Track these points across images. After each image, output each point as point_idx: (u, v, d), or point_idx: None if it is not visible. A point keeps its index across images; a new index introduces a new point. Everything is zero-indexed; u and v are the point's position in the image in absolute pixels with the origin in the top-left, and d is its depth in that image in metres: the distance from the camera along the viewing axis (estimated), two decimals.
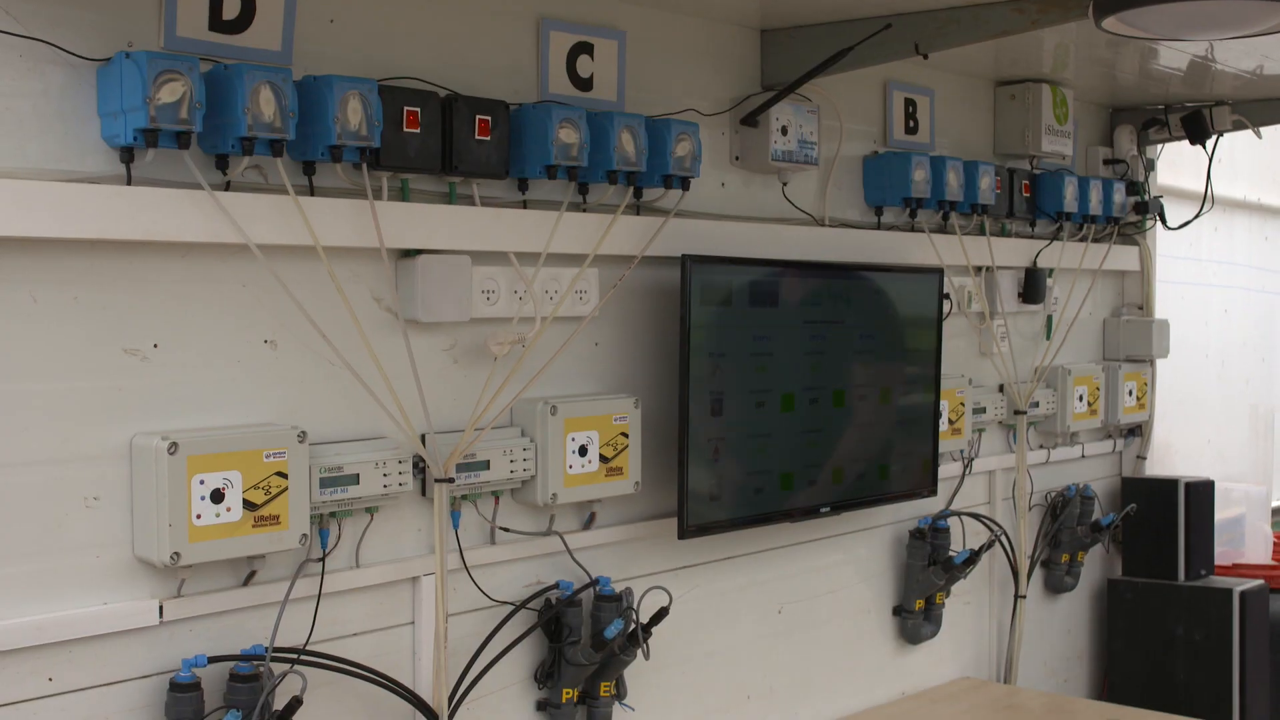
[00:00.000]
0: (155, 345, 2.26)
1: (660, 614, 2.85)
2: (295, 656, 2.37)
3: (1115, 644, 4.57)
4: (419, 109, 2.50)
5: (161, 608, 2.25)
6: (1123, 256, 4.57)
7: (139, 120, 2.10)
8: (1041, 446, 4.33)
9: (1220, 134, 4.40)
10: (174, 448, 2.18)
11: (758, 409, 3.16)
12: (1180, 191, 5.04)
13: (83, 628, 2.17)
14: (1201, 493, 4.53)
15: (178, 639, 2.29)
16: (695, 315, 2.94)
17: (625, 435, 2.89)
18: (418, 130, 2.50)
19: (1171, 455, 5.26)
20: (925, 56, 3.09)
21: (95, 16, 2.17)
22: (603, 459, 2.84)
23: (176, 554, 2.18)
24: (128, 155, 2.17)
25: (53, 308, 2.14)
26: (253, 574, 2.37)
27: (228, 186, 2.29)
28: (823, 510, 3.36)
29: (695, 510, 2.99)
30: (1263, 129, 4.45)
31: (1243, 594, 4.34)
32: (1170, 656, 4.43)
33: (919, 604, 3.81)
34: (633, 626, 2.80)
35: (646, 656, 2.84)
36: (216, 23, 2.29)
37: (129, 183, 2.17)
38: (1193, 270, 5.82)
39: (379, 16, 2.56)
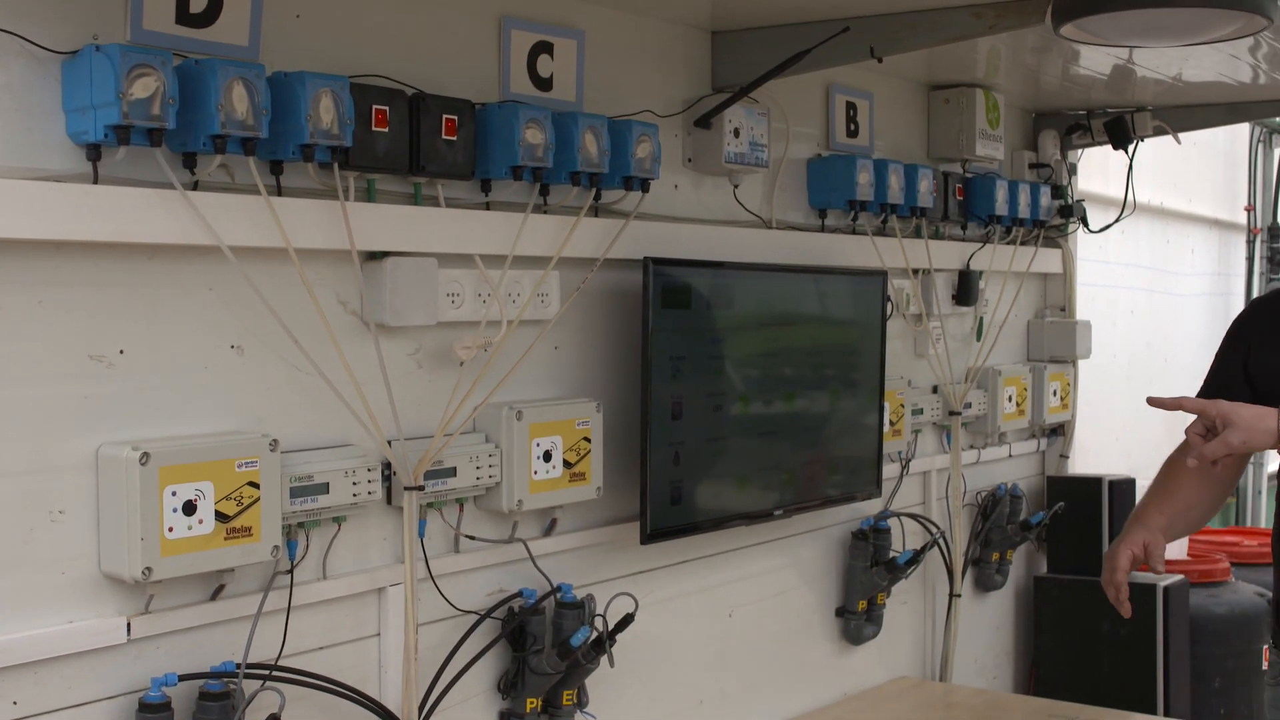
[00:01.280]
0: (121, 351, 2.17)
1: (626, 620, 2.82)
2: (267, 673, 2.29)
3: (1042, 640, 4.65)
4: (387, 108, 2.44)
5: (129, 625, 2.16)
6: (1046, 259, 4.65)
7: (111, 116, 2.00)
8: (972, 446, 4.39)
9: (1142, 139, 4.49)
10: (146, 458, 2.09)
11: (715, 412, 3.15)
12: (1093, 195, 5.14)
13: (49, 648, 2.07)
14: (1124, 490, 4.63)
15: (145, 657, 2.20)
16: (656, 318, 2.91)
17: (588, 440, 2.85)
18: (386, 129, 2.44)
19: (1084, 454, 5.36)
20: (880, 60, 3.10)
21: (59, 7, 2.07)
22: (566, 464, 2.80)
23: (148, 569, 2.09)
24: (94, 153, 2.07)
25: (15, 312, 2.04)
26: (221, 588, 2.28)
27: (195, 186, 2.20)
28: (776, 513, 3.35)
29: (657, 515, 2.96)
30: (1175, 134, 4.56)
31: (1165, 589, 4.44)
32: (1095, 651, 4.51)
33: (862, 605, 3.83)
34: (597, 633, 2.76)
35: (612, 664, 2.80)
36: (183, 16, 2.20)
37: (95, 181, 2.08)
38: (1101, 272, 5.95)
39: (344, 12, 2.49)
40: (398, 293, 2.51)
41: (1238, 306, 7.70)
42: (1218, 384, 2.74)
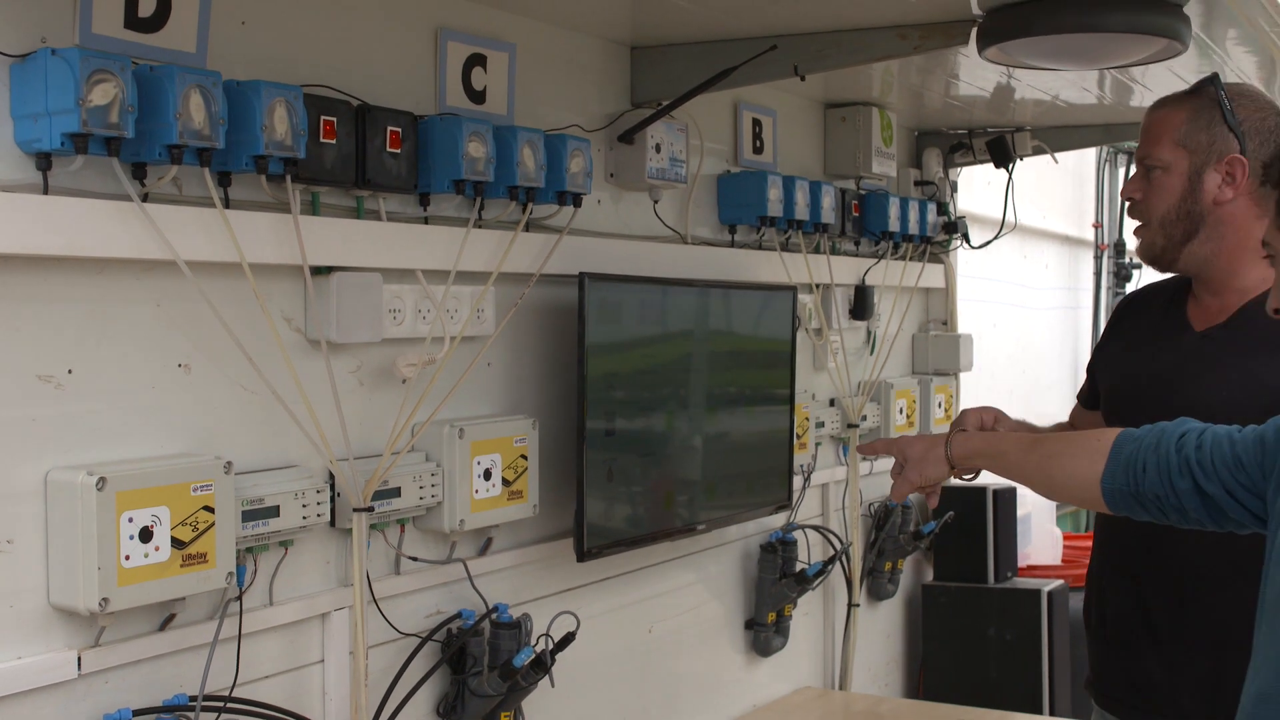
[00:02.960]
0: (70, 371, 2.06)
1: (567, 639, 2.79)
2: (221, 705, 2.20)
3: (930, 646, 4.75)
4: (335, 119, 2.37)
5: (80, 659, 2.05)
6: (931, 274, 4.76)
7: (69, 124, 1.90)
8: (865, 459, 4.46)
9: (1021, 158, 4.65)
10: (102, 483, 1.98)
11: (645, 428, 3.14)
12: (966, 213, 5.28)
13: None
14: (1007, 499, 4.77)
15: (95, 692, 2.09)
16: (592, 334, 2.89)
17: (525, 457, 2.81)
18: (334, 141, 2.38)
19: None
20: (803, 78, 3.14)
21: (3, 8, 1.96)
22: (505, 482, 2.76)
23: (105, 599, 1.99)
24: (45, 162, 1.97)
25: None
26: (171, 617, 2.19)
27: (145, 198, 2.11)
28: (700, 527, 3.36)
29: (593, 532, 2.94)
30: (1053, 154, 4.73)
31: (1049, 594, 4.59)
32: (983, 656, 4.64)
33: (771, 616, 3.86)
34: (537, 653, 2.73)
35: (552, 683, 2.77)
36: (132, 20, 2.11)
37: (45, 192, 1.98)
38: (968, 287, 6.11)
39: (288, 20, 2.41)
40: (343, 309, 2.44)
41: (1086, 320, 8.03)
42: (1084, 388, 2.74)
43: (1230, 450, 1.77)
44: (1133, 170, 2.55)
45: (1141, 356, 2.53)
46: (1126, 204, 2.55)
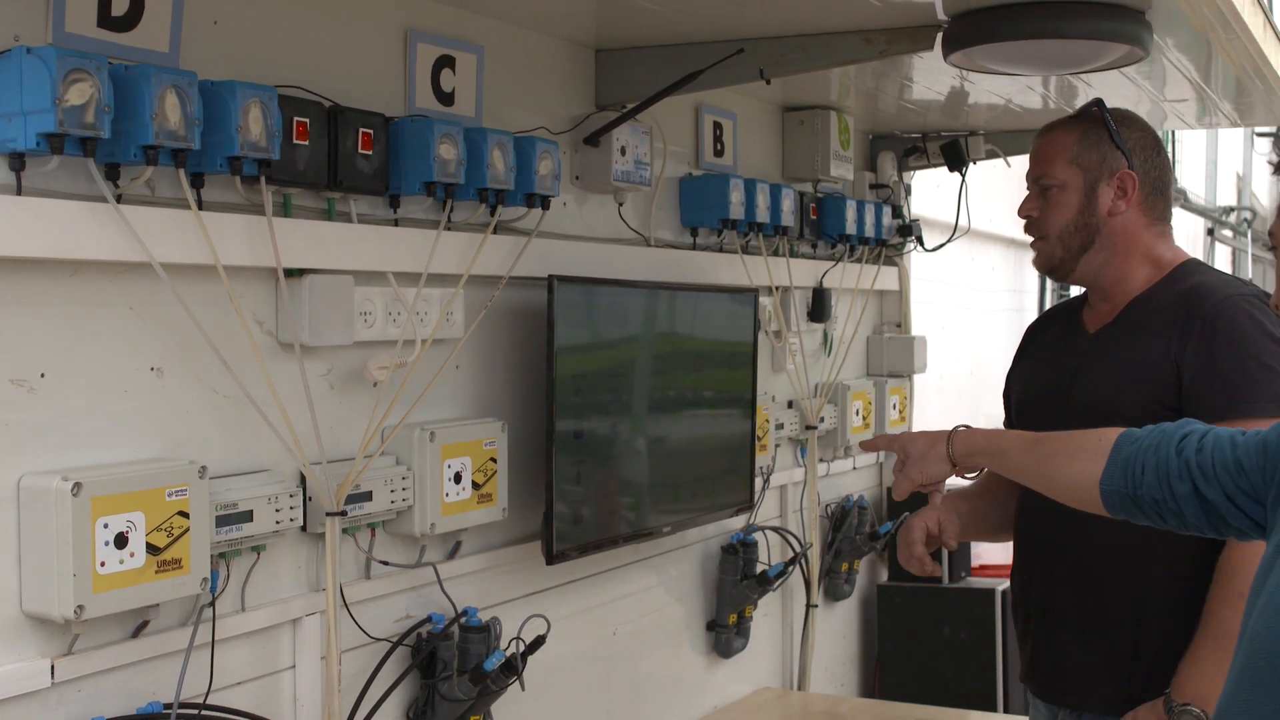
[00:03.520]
0: (43, 375, 2.03)
1: (537, 642, 2.78)
2: (196, 712, 2.18)
3: (886, 646, 4.78)
4: (308, 120, 2.35)
5: (53, 667, 2.02)
6: (886, 277, 4.80)
7: (45, 124, 1.88)
8: (822, 460, 4.49)
9: (974, 161, 4.69)
10: (78, 488, 1.96)
11: (613, 430, 3.14)
12: (919, 217, 5.33)
13: None
14: None
15: (69, 700, 2.06)
16: (560, 336, 2.89)
17: (494, 460, 2.81)
18: (306, 142, 2.36)
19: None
20: (769, 82, 3.15)
21: None
22: (474, 485, 2.75)
23: (80, 607, 1.96)
24: (19, 162, 1.94)
25: None
26: (144, 624, 2.16)
27: (119, 200, 2.08)
28: (665, 529, 3.37)
29: (562, 535, 2.94)
30: (1006, 158, 4.78)
31: (1003, 593, 4.64)
32: (937, 655, 4.68)
33: (732, 618, 3.88)
34: (509, 656, 2.72)
35: (523, 687, 2.76)
36: (105, 19, 2.08)
37: (19, 192, 1.94)
38: (918, 289, 6.17)
39: (260, 20, 2.39)
40: (316, 312, 2.43)
41: (1029, 322, 8.11)
42: (1005, 403, 2.81)
43: (1232, 454, 1.70)
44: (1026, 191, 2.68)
45: (1047, 366, 2.69)
46: (1024, 222, 2.68)
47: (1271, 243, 1.58)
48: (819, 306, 4.29)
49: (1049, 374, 2.66)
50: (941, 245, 4.87)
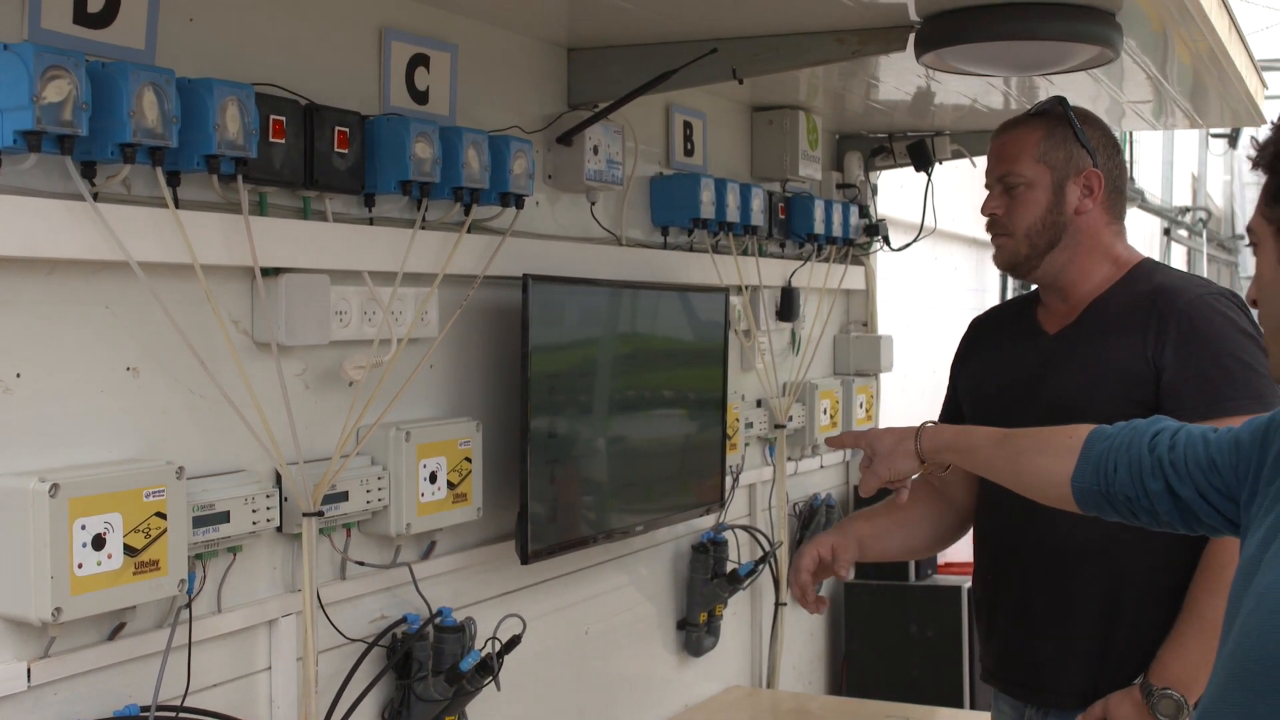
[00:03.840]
0: (18, 375, 2.01)
1: (513, 642, 2.78)
2: (174, 715, 2.16)
3: (852, 644, 4.81)
4: (284, 118, 2.34)
5: (30, 670, 2.00)
6: (853, 276, 4.82)
7: (22, 121, 1.85)
8: (790, 458, 4.51)
9: (940, 161, 4.72)
10: (55, 489, 1.93)
11: (586, 430, 3.14)
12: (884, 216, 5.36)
13: None
14: None
15: (45, 704, 2.04)
16: (535, 336, 2.89)
17: (469, 460, 2.80)
18: (283, 141, 2.34)
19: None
20: (741, 82, 3.16)
21: None
22: (449, 485, 2.74)
23: (59, 609, 1.94)
24: None
25: None
26: (121, 626, 2.14)
27: (95, 198, 2.06)
28: (638, 529, 3.37)
29: (537, 534, 2.93)
30: (972, 158, 4.81)
31: (969, 590, 4.67)
32: (904, 652, 4.71)
33: (703, 617, 3.88)
34: (485, 656, 2.71)
35: (498, 687, 2.76)
36: (81, 16, 2.06)
37: None
38: (883, 289, 6.20)
39: (236, 17, 2.37)
40: (292, 311, 2.41)
41: None
42: (946, 407, 2.82)
43: (1204, 451, 1.71)
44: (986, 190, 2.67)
45: (1003, 364, 2.68)
46: (986, 220, 2.67)
47: (1250, 239, 1.60)
48: (787, 306, 4.31)
49: (1008, 372, 2.65)
50: (907, 245, 4.90)
